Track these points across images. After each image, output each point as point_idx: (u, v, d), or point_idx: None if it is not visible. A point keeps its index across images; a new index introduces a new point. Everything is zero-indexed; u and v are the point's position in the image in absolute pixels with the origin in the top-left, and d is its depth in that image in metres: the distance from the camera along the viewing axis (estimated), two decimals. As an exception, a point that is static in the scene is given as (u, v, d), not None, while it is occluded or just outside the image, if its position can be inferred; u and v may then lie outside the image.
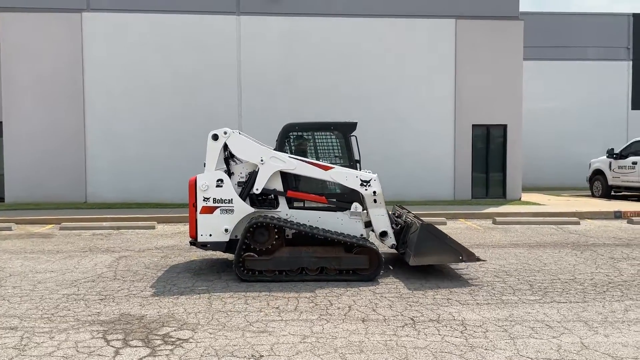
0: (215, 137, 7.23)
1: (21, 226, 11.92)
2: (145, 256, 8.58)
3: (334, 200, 7.33)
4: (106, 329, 5.04)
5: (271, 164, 7.18)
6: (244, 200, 7.16)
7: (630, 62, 23.07)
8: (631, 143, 17.51)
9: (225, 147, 7.43)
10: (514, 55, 16.53)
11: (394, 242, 7.53)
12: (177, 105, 15.75)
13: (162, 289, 6.52)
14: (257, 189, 7.17)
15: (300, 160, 7.21)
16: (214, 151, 7.23)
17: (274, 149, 7.30)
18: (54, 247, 9.44)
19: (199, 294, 6.29)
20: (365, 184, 7.26)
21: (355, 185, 7.24)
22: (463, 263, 7.35)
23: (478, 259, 7.17)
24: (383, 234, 7.45)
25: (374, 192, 7.27)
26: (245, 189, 7.25)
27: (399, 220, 8.09)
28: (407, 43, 16.33)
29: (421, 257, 7.04)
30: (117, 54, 15.65)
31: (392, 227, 7.54)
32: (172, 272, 7.41)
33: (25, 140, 15.48)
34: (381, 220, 7.43)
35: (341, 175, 7.24)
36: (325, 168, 7.23)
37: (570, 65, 22.74)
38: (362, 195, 7.29)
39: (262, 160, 7.19)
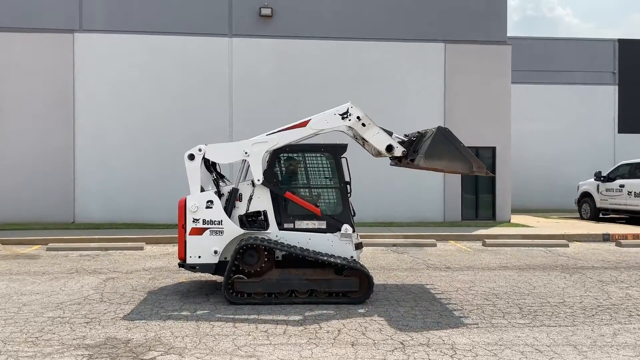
0: (192, 157, 7.20)
1: (7, 247, 11.75)
2: (133, 278, 8.48)
3: (324, 220, 7.27)
4: (91, 354, 4.95)
5: (256, 150, 7.19)
6: (230, 218, 7.11)
7: (616, 87, 23.48)
8: (618, 166, 17.71)
9: (209, 167, 7.42)
10: (503, 78, 16.77)
11: (404, 149, 7.36)
12: (167, 125, 15.75)
13: (149, 311, 6.44)
14: (258, 180, 7.14)
15: (278, 131, 7.27)
16: (193, 171, 7.18)
17: (264, 170, 7.29)
18: (40, 268, 9.31)
19: (186, 317, 6.22)
20: (345, 115, 7.28)
21: (337, 122, 7.27)
22: (455, 290, 7.33)
23: (487, 173, 7.09)
24: (389, 148, 7.31)
25: (358, 118, 7.28)
26: (229, 206, 7.20)
27: (409, 134, 7.78)
28: (396, 66, 16.51)
29: (431, 159, 6.92)
30: (108, 75, 15.68)
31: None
32: (160, 295, 7.32)
33: (13, 160, 15.36)
34: (379, 137, 7.34)
35: (321, 122, 7.30)
36: (304, 124, 7.28)
37: (558, 89, 23.10)
38: (349, 127, 7.29)
39: (246, 153, 7.20)
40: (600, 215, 17.95)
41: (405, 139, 7.54)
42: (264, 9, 15.93)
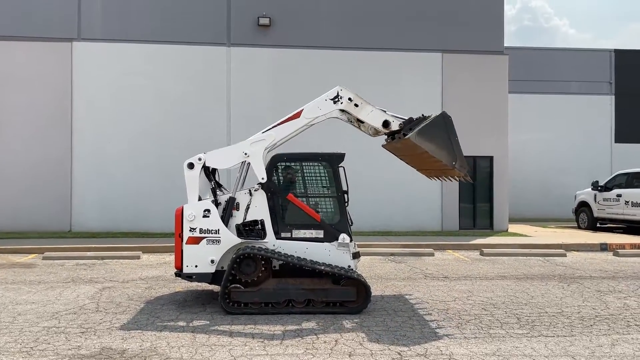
0: (191, 166, 7.20)
1: (3, 255, 11.69)
2: (129, 287, 8.44)
3: (322, 229, 7.24)
4: (86, 364, 4.91)
5: (255, 150, 7.22)
6: (227, 227, 7.09)
7: (613, 97, 23.60)
8: (615, 176, 17.75)
9: (208, 175, 7.42)
10: (499, 88, 16.84)
11: (401, 121, 7.34)
12: (166, 134, 15.75)
13: (145, 321, 6.39)
14: (262, 178, 7.14)
15: (273, 127, 7.33)
16: (192, 180, 7.18)
17: (258, 183, 7.29)
18: (35, 277, 9.25)
19: (183, 327, 6.18)
20: (337, 99, 7.30)
21: (330, 107, 7.31)
22: (453, 300, 7.28)
23: (466, 177, 6.98)
24: (385, 124, 7.32)
25: (350, 99, 7.30)
26: (226, 216, 7.17)
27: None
28: (394, 76, 16.55)
29: (421, 137, 6.88)
30: (106, 83, 15.69)
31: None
32: (156, 304, 7.28)
33: (11, 168, 15.32)
34: (374, 115, 7.36)
35: (313, 110, 7.34)
36: (297, 115, 7.35)
37: (555, 98, 23.22)
38: (342, 110, 7.32)
39: (246, 154, 7.22)
40: (598, 225, 17.96)
41: (406, 118, 7.53)
42: (262, 18, 16.00)
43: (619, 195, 16.85)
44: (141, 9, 15.93)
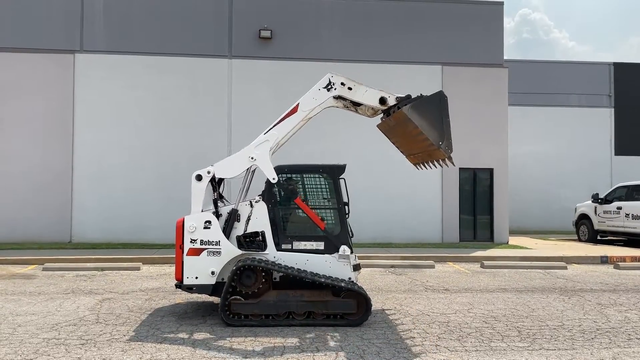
0: (199, 178, 7.23)
1: (3, 267, 11.67)
2: (129, 299, 8.42)
3: (322, 241, 7.24)
4: (86, 376, 4.89)
5: (261, 152, 7.24)
6: (228, 238, 7.10)
7: (612, 109, 23.69)
8: (615, 188, 17.77)
9: (214, 187, 7.44)
10: (499, 101, 16.92)
11: (397, 97, 7.34)
12: (166, 146, 15.80)
13: (145, 333, 6.38)
14: (273, 178, 7.17)
15: (274, 126, 7.34)
16: (198, 192, 7.21)
17: (259, 195, 7.32)
18: (35, 288, 9.24)
19: (182, 339, 6.16)
20: (330, 86, 7.33)
21: (324, 95, 7.34)
22: (453, 312, 7.25)
23: (450, 159, 6.83)
24: (382, 100, 7.37)
25: (342, 83, 7.33)
26: (228, 227, 7.18)
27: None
28: (395, 88, 16.44)
29: (414, 112, 6.83)
30: (108, 95, 15.77)
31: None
32: (156, 316, 7.27)
33: (11, 179, 15.35)
34: (369, 94, 7.40)
35: (309, 101, 7.35)
36: (295, 109, 7.34)
37: (554, 111, 23.30)
38: (339, 95, 7.33)
39: (252, 158, 7.25)
40: (598, 237, 17.95)
41: (404, 95, 7.56)
42: (264, 31, 16.13)
43: (619, 208, 16.86)
44: (143, 21, 16.06)
